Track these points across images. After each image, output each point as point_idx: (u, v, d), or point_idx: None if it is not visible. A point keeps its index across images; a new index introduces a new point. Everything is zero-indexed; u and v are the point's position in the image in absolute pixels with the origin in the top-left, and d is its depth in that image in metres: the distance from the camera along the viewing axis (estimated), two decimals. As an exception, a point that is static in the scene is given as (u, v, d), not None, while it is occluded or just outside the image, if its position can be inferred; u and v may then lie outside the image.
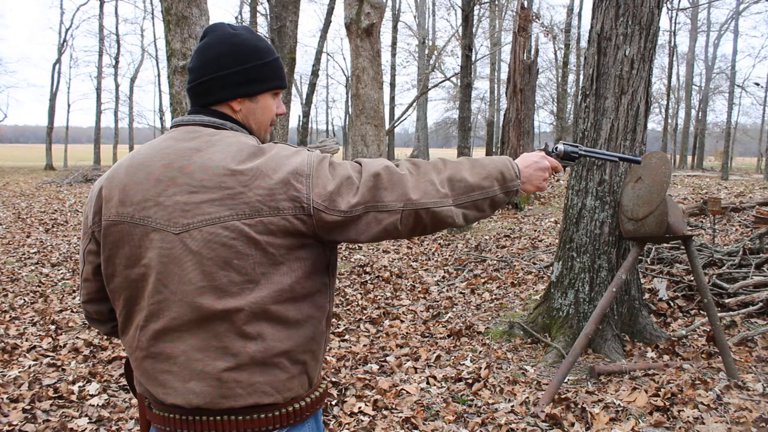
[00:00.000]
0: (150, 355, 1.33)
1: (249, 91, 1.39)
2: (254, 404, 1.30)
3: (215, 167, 1.27)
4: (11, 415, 3.38)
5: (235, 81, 1.38)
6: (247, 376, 1.29)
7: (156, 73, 52.69)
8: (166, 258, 1.27)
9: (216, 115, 1.39)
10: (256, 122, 1.43)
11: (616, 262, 4.55)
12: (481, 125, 41.75)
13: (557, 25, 27.72)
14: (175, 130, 1.38)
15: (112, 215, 1.32)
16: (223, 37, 1.39)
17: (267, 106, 1.44)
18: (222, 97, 1.38)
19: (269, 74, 1.41)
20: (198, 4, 7.33)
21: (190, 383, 1.29)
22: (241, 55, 1.37)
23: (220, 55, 1.37)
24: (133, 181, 1.32)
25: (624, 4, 4.45)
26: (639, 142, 4.60)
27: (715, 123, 42.11)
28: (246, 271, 1.25)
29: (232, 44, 1.38)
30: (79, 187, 19.82)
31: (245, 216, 1.24)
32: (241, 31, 1.41)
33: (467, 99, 10.19)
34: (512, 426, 3.34)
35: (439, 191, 1.33)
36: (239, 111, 1.41)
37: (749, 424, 3.20)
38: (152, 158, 1.33)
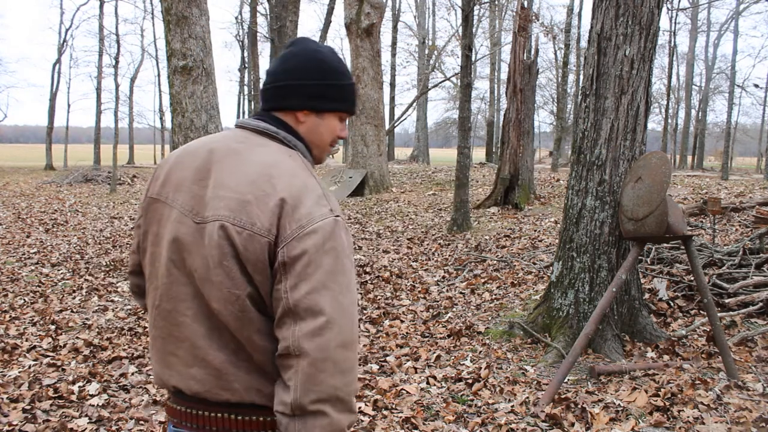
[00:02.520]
0: (161, 335, 1.38)
1: (318, 106, 1.41)
2: (250, 403, 1.32)
3: (245, 172, 1.31)
4: (11, 415, 3.38)
5: (307, 93, 1.40)
6: (245, 373, 1.31)
7: (156, 73, 52.70)
8: (182, 243, 1.33)
9: (275, 123, 1.41)
10: (317, 138, 1.44)
11: (616, 262, 4.55)
12: (481, 125, 41.75)
13: (557, 25, 27.71)
14: (232, 130, 1.44)
15: (154, 193, 1.41)
16: (308, 50, 1.42)
17: (332, 126, 1.45)
18: (290, 105, 1.41)
19: (342, 96, 1.43)
20: (198, 4, 7.33)
21: (192, 369, 1.34)
22: (320, 70, 1.40)
23: (301, 65, 1.40)
24: (178, 165, 1.40)
25: (624, 4, 4.45)
26: (639, 142, 4.60)
27: (715, 123, 42.14)
28: (233, 276, 1.28)
29: (315, 59, 1.41)
30: (79, 187, 19.82)
31: (239, 224, 1.27)
32: (325, 50, 1.44)
33: (467, 99, 10.19)
34: (512, 426, 3.34)
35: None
36: (303, 123, 1.42)
37: (749, 424, 3.20)
38: (200, 149, 1.40)
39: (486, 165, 25.59)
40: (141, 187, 20.29)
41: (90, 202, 15.70)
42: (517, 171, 12.21)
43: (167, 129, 29.74)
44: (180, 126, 7.38)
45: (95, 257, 8.50)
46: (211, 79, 7.49)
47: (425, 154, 33.31)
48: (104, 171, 22.96)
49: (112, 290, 6.70)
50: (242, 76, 33.04)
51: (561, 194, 13.01)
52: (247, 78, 30.93)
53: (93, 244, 9.58)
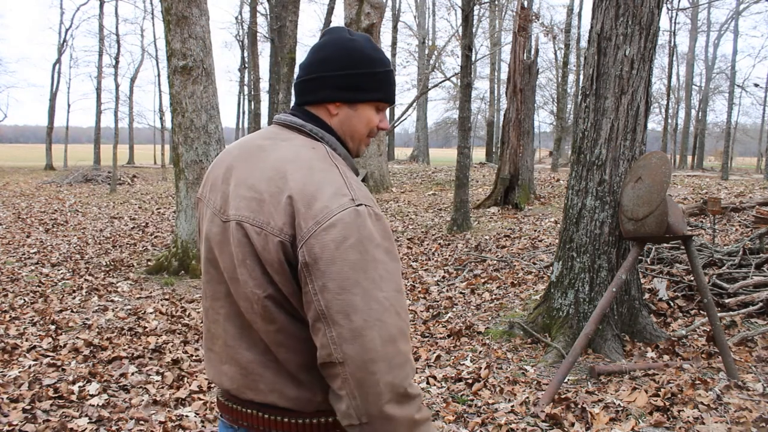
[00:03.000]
0: (204, 331, 1.43)
1: (350, 98, 1.35)
2: (273, 404, 1.30)
3: (263, 169, 1.29)
4: (11, 415, 3.38)
5: (338, 84, 1.34)
6: (271, 374, 1.30)
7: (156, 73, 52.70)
8: (214, 242, 1.34)
9: (304, 116, 1.37)
10: (351, 131, 1.38)
11: (616, 262, 4.55)
12: (481, 125, 41.74)
13: (557, 25, 27.70)
14: (269, 127, 1.44)
15: (200, 193, 1.45)
16: (339, 40, 1.36)
17: (367, 117, 1.38)
18: (321, 98, 1.36)
19: (375, 85, 1.36)
20: (198, 4, 7.33)
21: (224, 365, 1.35)
22: (350, 60, 1.34)
23: (331, 56, 1.34)
24: (216, 165, 1.43)
25: (624, 4, 4.45)
26: (639, 142, 4.60)
27: (715, 123, 42.12)
28: (254, 275, 1.26)
29: (345, 48, 1.35)
30: (79, 187, 19.81)
31: (257, 224, 1.24)
32: (359, 38, 1.37)
33: (467, 99, 10.19)
34: (512, 426, 3.34)
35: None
36: (335, 115, 1.37)
37: (749, 424, 3.20)
38: (236, 147, 1.41)
39: (486, 165, 25.59)
40: (141, 187, 20.29)
41: (90, 202, 15.70)
42: (517, 171, 12.22)
43: (167, 129, 29.72)
44: (180, 126, 7.38)
45: (95, 257, 8.50)
46: (211, 79, 7.49)
47: (425, 154, 33.31)
48: (104, 171, 22.97)
49: (112, 290, 6.70)
50: (242, 76, 33.03)
51: (561, 194, 13.01)
52: (247, 78, 30.91)
53: (93, 244, 9.58)
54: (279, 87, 13.68)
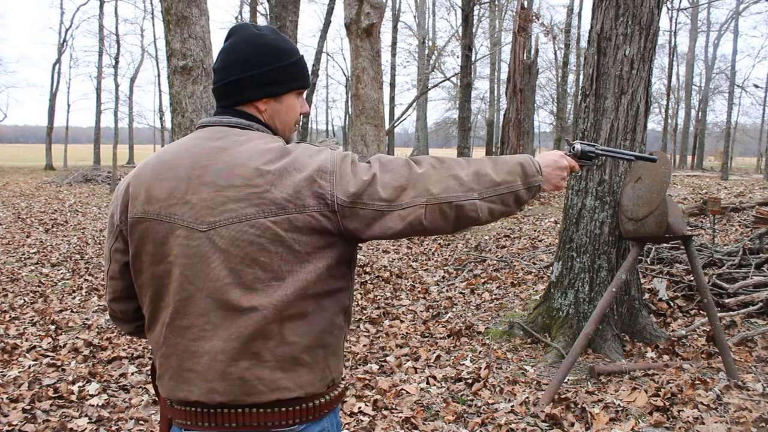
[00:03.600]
0: (175, 353, 1.34)
1: (274, 92, 1.41)
2: (276, 400, 1.31)
3: (242, 166, 1.29)
4: (11, 415, 3.38)
5: (260, 82, 1.39)
6: (269, 373, 1.30)
7: (156, 73, 52.68)
8: (193, 255, 1.29)
9: (242, 116, 1.41)
10: (281, 122, 1.45)
11: (616, 262, 4.55)
12: (481, 125, 41.74)
13: (557, 25, 27.70)
14: (201, 131, 1.40)
15: (138, 212, 1.34)
16: (249, 37, 1.40)
17: (292, 105, 1.46)
18: (247, 98, 1.40)
19: (294, 74, 1.43)
20: (198, 4, 7.33)
21: (213, 383, 1.31)
22: (266, 55, 1.39)
23: (246, 55, 1.38)
24: (160, 179, 1.33)
25: (624, 4, 4.45)
26: (639, 142, 4.60)
27: (715, 123, 42.12)
28: (272, 268, 1.27)
29: (257, 44, 1.39)
30: (79, 187, 19.81)
31: (272, 213, 1.26)
32: (266, 31, 1.42)
33: (467, 99, 10.18)
34: (512, 426, 3.34)
35: (463, 185, 1.34)
36: (264, 111, 1.42)
37: (749, 424, 3.20)
38: (179, 157, 1.35)
39: (486, 165, 25.55)
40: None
41: (90, 202, 15.70)
42: (517, 171, 12.21)
43: (167, 129, 29.73)
44: (180, 126, 7.37)
45: (95, 257, 8.50)
46: (211, 79, 7.49)
47: (425, 154, 33.26)
48: (104, 171, 22.97)
49: (112, 290, 6.69)
50: (242, 76, 32.98)
51: (561, 194, 13.01)
52: (247, 78, 30.87)
53: (93, 244, 9.57)
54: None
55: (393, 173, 1.32)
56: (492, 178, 1.38)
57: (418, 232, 1.34)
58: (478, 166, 1.39)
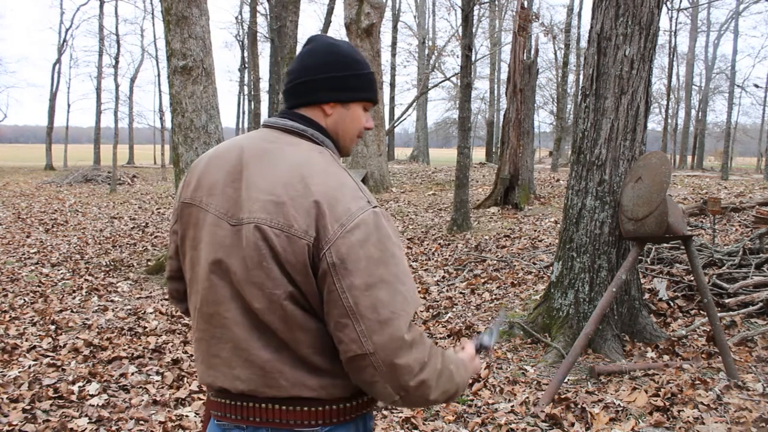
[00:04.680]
0: (204, 338, 1.39)
1: (343, 98, 1.43)
2: (296, 396, 1.33)
3: (276, 173, 1.32)
4: (11, 415, 3.38)
5: (332, 86, 1.41)
6: (290, 370, 1.32)
7: (156, 73, 52.66)
8: (219, 246, 1.33)
9: (302, 121, 1.42)
10: (344, 130, 1.45)
11: (616, 262, 4.55)
12: (481, 125, 41.74)
13: (557, 25, 27.71)
14: (259, 130, 1.45)
15: (187, 197, 1.43)
16: (325, 45, 1.44)
17: (357, 116, 1.46)
18: (317, 99, 1.42)
19: (365, 85, 1.45)
20: (198, 4, 7.33)
21: (236, 369, 1.35)
22: (340, 63, 1.42)
23: (321, 60, 1.41)
24: (209, 168, 1.41)
25: (624, 4, 4.45)
26: (639, 142, 4.60)
27: (715, 123, 42.11)
28: (273, 276, 1.28)
29: (334, 52, 1.43)
30: (79, 187, 19.81)
31: (276, 226, 1.27)
32: (342, 43, 1.46)
33: (467, 99, 10.19)
34: (512, 426, 3.34)
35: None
36: (330, 116, 1.43)
37: (749, 424, 3.20)
38: (231, 151, 1.41)
39: (486, 165, 25.60)
40: (141, 187, 20.29)
41: (90, 202, 15.70)
42: (517, 171, 12.22)
43: (167, 129, 29.71)
44: (180, 126, 7.38)
45: (95, 257, 8.50)
46: (211, 79, 7.49)
47: (425, 154, 33.30)
48: (104, 171, 22.97)
49: (112, 290, 6.70)
50: (242, 76, 33.04)
51: (561, 194, 13.01)
52: (247, 78, 30.92)
53: (93, 244, 9.58)
54: (279, 87, 13.68)
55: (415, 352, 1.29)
56: (429, 394, 1.34)
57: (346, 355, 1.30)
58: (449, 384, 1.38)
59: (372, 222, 1.27)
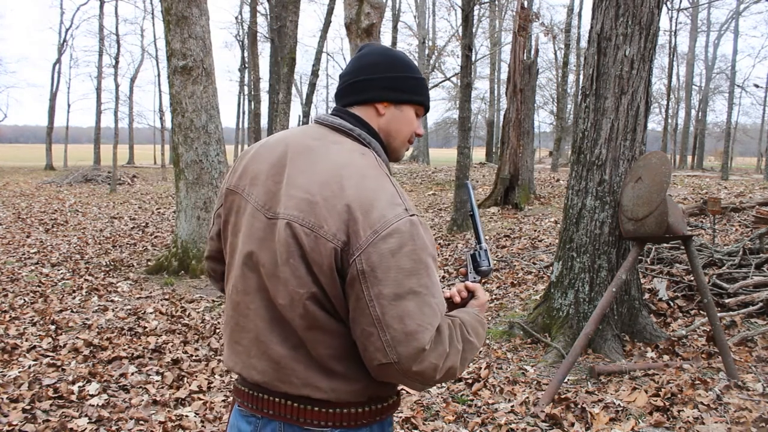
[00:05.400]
0: (230, 324, 1.42)
1: (397, 98, 1.43)
2: (307, 396, 1.33)
3: (315, 171, 1.32)
4: (11, 415, 3.38)
5: (386, 85, 1.42)
6: (303, 369, 1.32)
7: (156, 73, 52.65)
8: (254, 238, 1.35)
9: (352, 119, 1.42)
10: (396, 131, 1.45)
11: (616, 262, 4.55)
12: (481, 125, 41.76)
13: (557, 25, 27.70)
14: (308, 126, 1.46)
15: (232, 184, 1.45)
16: (381, 50, 1.47)
17: (410, 119, 1.46)
18: (370, 98, 1.42)
19: (419, 89, 1.46)
20: (198, 4, 7.33)
21: (253, 359, 1.36)
22: (395, 65, 1.44)
23: (376, 61, 1.43)
24: (256, 158, 1.43)
25: (624, 4, 4.45)
26: (639, 142, 4.60)
27: (715, 123, 42.11)
28: (298, 274, 1.28)
29: (390, 55, 1.45)
30: (79, 187, 19.81)
31: (307, 225, 1.27)
32: (396, 50, 1.49)
33: (467, 99, 10.19)
34: (512, 426, 3.34)
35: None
36: (383, 116, 1.43)
37: (749, 424, 3.20)
38: (278, 144, 1.42)
39: (486, 165, 25.61)
40: (141, 187, 20.28)
41: (90, 202, 15.70)
42: (517, 171, 12.22)
43: (167, 129, 29.71)
44: (180, 126, 7.38)
45: (95, 257, 8.50)
46: (211, 79, 7.49)
47: (425, 154, 33.30)
48: (104, 171, 22.97)
49: (112, 290, 6.70)
50: (242, 76, 33.01)
51: (561, 194, 13.01)
52: (247, 78, 30.90)
53: (93, 244, 9.58)
54: (279, 87, 13.67)
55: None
56: (456, 373, 1.33)
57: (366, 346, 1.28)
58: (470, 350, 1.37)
59: (407, 231, 1.25)
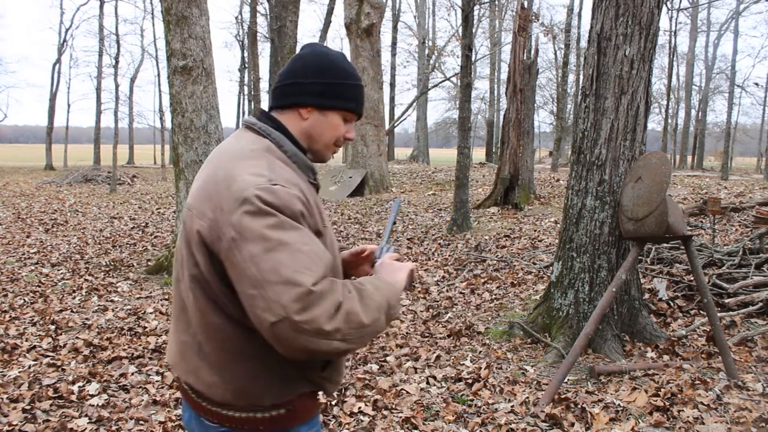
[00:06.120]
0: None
1: (321, 103, 1.45)
2: (191, 384, 1.41)
3: (209, 163, 1.43)
4: (11, 415, 3.38)
5: (311, 90, 1.44)
6: (193, 355, 1.40)
7: (156, 73, 52.66)
8: (182, 235, 1.44)
9: (270, 121, 1.46)
10: (318, 135, 1.47)
11: (616, 262, 4.55)
12: (481, 125, 41.75)
13: (557, 25, 27.71)
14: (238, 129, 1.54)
15: None
16: (316, 52, 1.48)
17: (334, 125, 1.47)
18: (295, 102, 1.46)
19: (346, 95, 1.47)
20: (198, 4, 7.32)
21: (170, 344, 1.50)
22: (326, 70, 1.45)
23: (307, 65, 1.45)
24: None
25: (624, 4, 4.45)
26: (639, 142, 4.60)
27: (715, 123, 42.13)
28: (185, 255, 1.38)
29: (322, 60, 1.46)
30: (79, 187, 19.80)
31: (192, 208, 1.37)
32: (335, 53, 1.49)
33: (467, 99, 10.18)
34: (512, 426, 3.34)
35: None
36: (307, 120, 1.46)
37: (749, 424, 3.20)
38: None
39: (486, 165, 25.60)
40: (141, 187, 20.28)
41: (90, 202, 15.69)
42: (517, 171, 12.21)
43: (167, 129, 29.71)
44: (180, 126, 7.37)
45: (95, 257, 8.50)
46: (211, 79, 7.49)
47: (425, 154, 33.30)
48: (104, 171, 22.96)
49: (112, 290, 6.70)
50: (242, 76, 33.02)
51: (561, 194, 13.01)
52: (247, 78, 30.90)
53: (93, 244, 9.57)
54: (279, 87, 13.65)
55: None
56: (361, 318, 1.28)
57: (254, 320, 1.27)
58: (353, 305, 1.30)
59: (267, 195, 1.27)
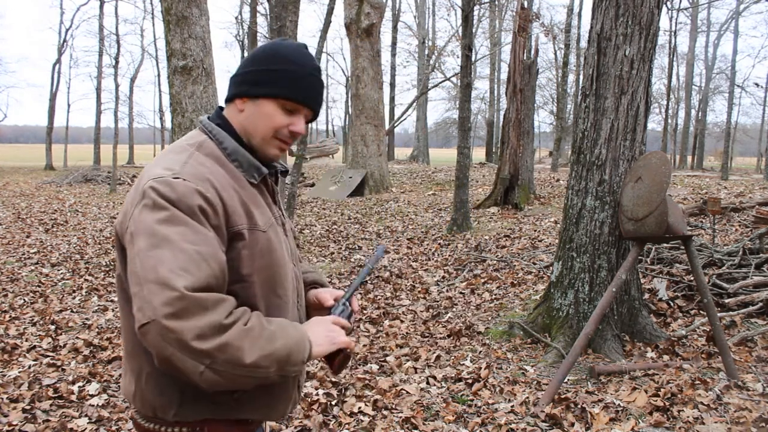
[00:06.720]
0: None
1: (249, 92, 1.37)
2: (126, 397, 1.41)
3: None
4: (11, 415, 3.38)
5: (242, 80, 1.39)
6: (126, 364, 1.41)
7: (156, 73, 52.67)
8: None
9: (217, 117, 1.43)
10: (253, 128, 1.38)
11: (616, 262, 4.55)
12: (481, 125, 41.76)
13: (557, 25, 27.71)
14: None
15: None
16: (269, 45, 1.42)
17: (268, 113, 1.36)
18: (233, 94, 1.41)
19: (279, 82, 1.35)
20: (198, 4, 7.32)
21: None
22: (260, 58, 1.38)
23: (251, 56, 1.41)
24: None
25: (624, 4, 4.45)
26: (639, 142, 4.60)
27: (715, 123, 42.13)
28: (118, 261, 1.34)
29: (264, 49, 1.40)
30: (79, 187, 19.81)
31: (121, 211, 1.34)
32: (289, 42, 1.41)
33: (467, 99, 10.18)
34: (512, 426, 3.34)
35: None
36: (242, 111, 1.39)
37: (749, 424, 3.20)
38: None
39: (486, 165, 25.60)
40: (141, 187, 20.23)
41: (90, 202, 15.69)
42: (517, 171, 12.21)
43: (167, 129, 29.73)
44: (180, 126, 7.37)
45: (95, 257, 8.50)
46: (211, 79, 7.49)
47: (425, 154, 33.30)
48: (104, 171, 22.96)
49: (112, 290, 6.69)
50: (242, 76, 32.99)
51: (561, 194, 13.01)
52: (247, 78, 30.87)
53: (93, 244, 9.57)
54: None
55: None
56: (241, 356, 1.16)
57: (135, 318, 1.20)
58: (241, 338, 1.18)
59: (164, 187, 1.22)
